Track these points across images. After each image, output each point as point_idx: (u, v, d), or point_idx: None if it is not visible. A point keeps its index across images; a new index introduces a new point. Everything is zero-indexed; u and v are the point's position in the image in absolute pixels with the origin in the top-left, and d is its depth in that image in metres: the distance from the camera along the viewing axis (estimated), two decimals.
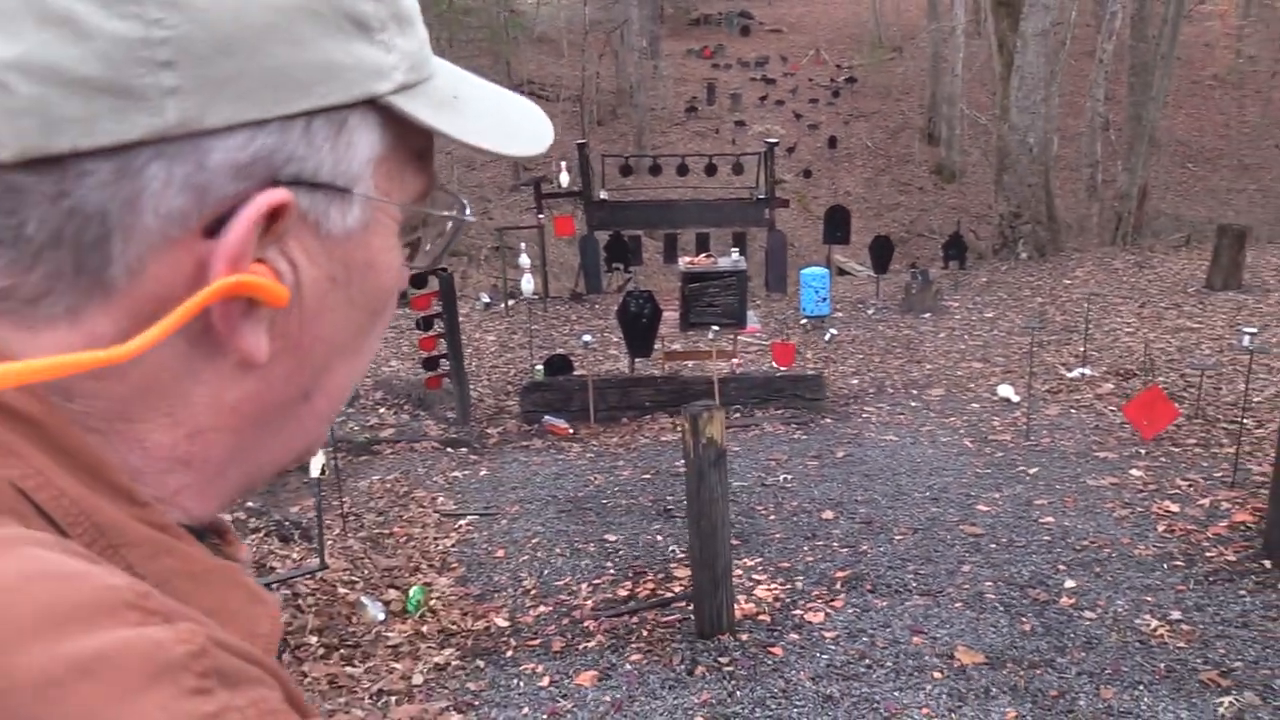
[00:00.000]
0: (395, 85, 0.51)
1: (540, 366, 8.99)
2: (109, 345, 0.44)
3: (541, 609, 4.97)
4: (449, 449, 7.77)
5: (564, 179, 14.53)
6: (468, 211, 0.60)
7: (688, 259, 9.96)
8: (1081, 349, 9.46)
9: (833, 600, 4.77)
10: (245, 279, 0.45)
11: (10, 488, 0.41)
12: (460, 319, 8.77)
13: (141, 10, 0.42)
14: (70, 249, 0.43)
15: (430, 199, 0.57)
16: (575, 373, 8.83)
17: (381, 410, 8.76)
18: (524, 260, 13.04)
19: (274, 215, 0.46)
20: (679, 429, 7.63)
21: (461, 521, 6.24)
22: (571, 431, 8.10)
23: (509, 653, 4.53)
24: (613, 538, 5.80)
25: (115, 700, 0.33)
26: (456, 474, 7.16)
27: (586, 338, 9.30)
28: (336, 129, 0.48)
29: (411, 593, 5.00)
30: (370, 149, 0.50)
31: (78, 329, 0.44)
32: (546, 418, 8.25)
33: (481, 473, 7.17)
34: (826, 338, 10.10)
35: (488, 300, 13.76)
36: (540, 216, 13.76)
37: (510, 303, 13.20)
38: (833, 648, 4.32)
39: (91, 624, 0.34)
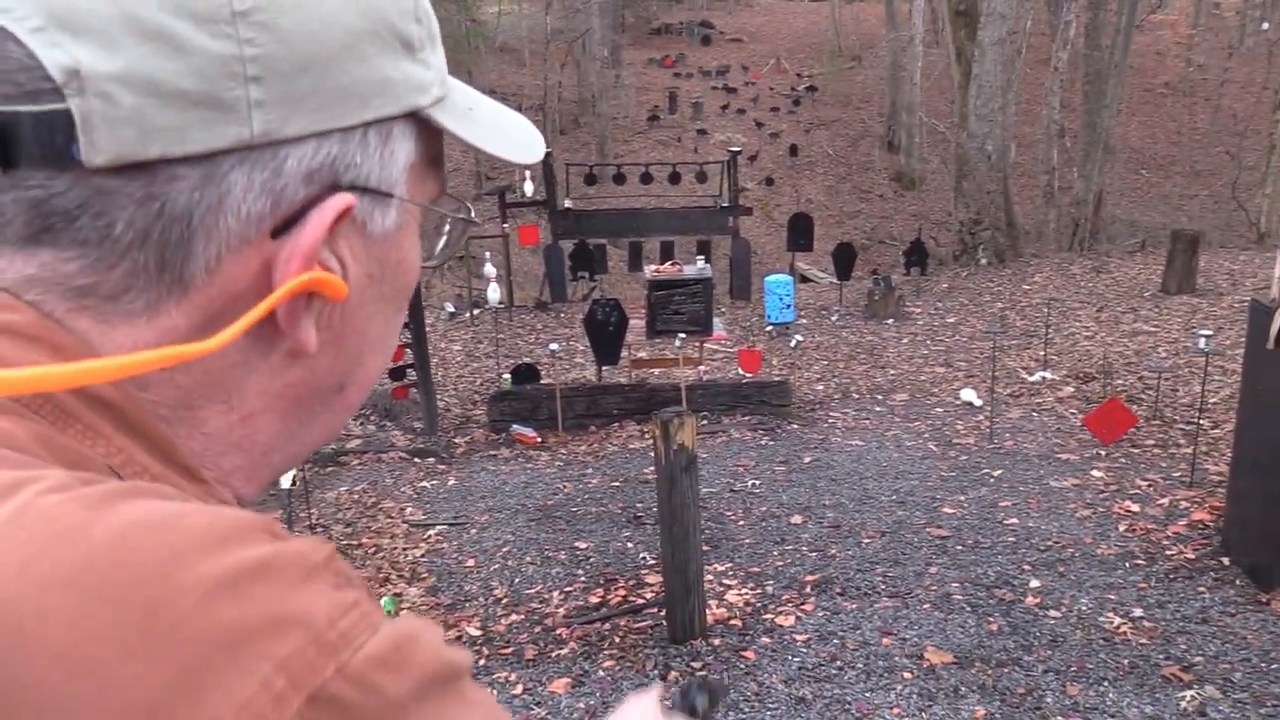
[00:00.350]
0: (432, 99, 0.55)
1: (507, 375, 8.99)
2: (183, 339, 0.47)
3: (513, 617, 4.97)
4: (417, 459, 7.74)
5: (528, 188, 14.53)
6: (472, 214, 0.65)
7: (653, 267, 10.00)
8: (1042, 353, 9.60)
9: (803, 604, 4.82)
10: (319, 275, 0.49)
11: (102, 464, 0.45)
12: (426, 329, 8.74)
13: (234, 30, 0.46)
14: (156, 248, 0.47)
15: (441, 201, 0.61)
16: (542, 381, 8.83)
17: (348, 421, 8.69)
18: (489, 270, 13.01)
19: (338, 217, 0.50)
20: (647, 436, 7.65)
21: (431, 531, 6.22)
22: (539, 440, 8.10)
23: (481, 661, 4.52)
24: (583, 545, 5.81)
25: (286, 592, 0.39)
26: (425, 484, 7.14)
27: (553, 346, 9.30)
28: (384, 139, 0.53)
29: (381, 603, 4.98)
30: (407, 157, 0.55)
31: (154, 324, 0.48)
32: (514, 427, 8.24)
33: (450, 482, 7.15)
34: (792, 344, 10.18)
35: (453, 310, 13.71)
36: (505, 226, 13.73)
37: (476, 312, 13.17)
38: (804, 650, 4.36)
39: (245, 541, 0.39)
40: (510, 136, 0.63)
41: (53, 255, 0.46)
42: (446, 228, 0.63)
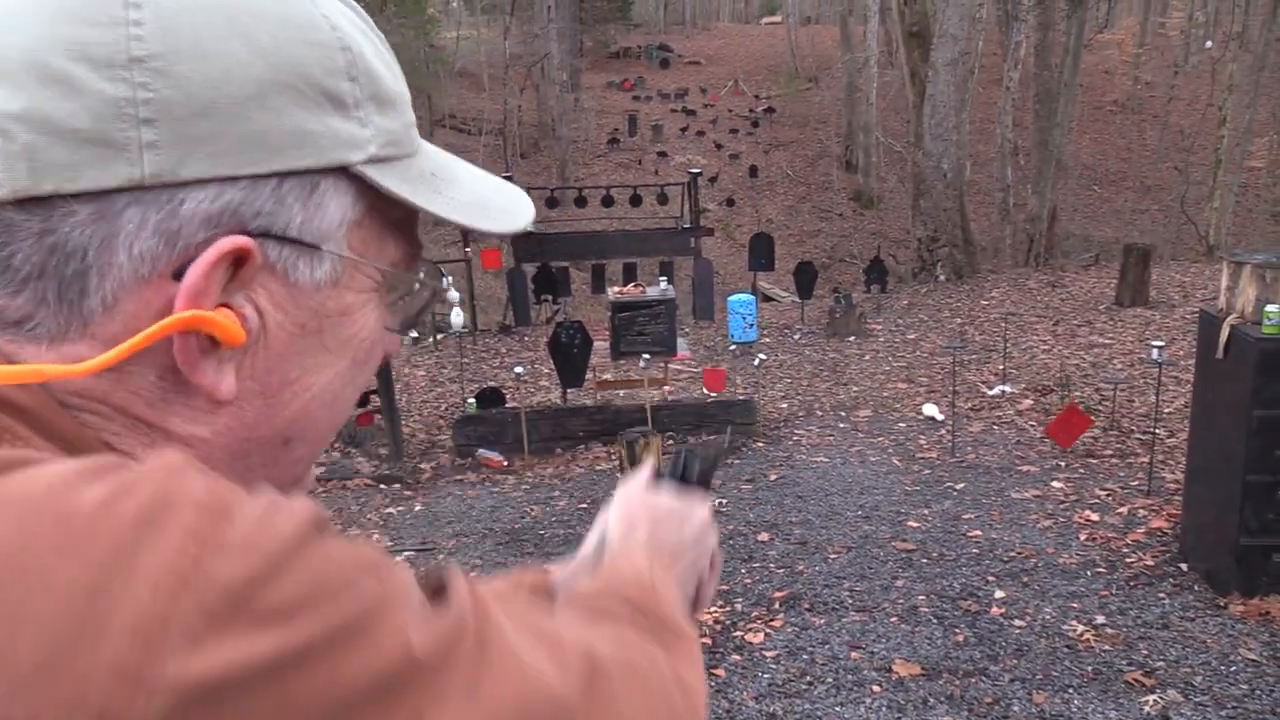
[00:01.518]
0: (367, 156, 0.56)
1: (472, 400, 8.97)
2: None
3: None
4: (382, 485, 7.69)
5: None
6: (446, 282, 0.65)
7: (616, 289, 10.03)
8: (1001, 367, 9.74)
9: (772, 620, 4.84)
10: (199, 314, 0.50)
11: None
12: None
13: (130, 75, 0.48)
14: (53, 280, 0.49)
15: (414, 267, 0.61)
16: (507, 405, 8.82)
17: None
18: (452, 294, 12.98)
19: (239, 262, 0.51)
20: (613, 457, 7.66)
21: (398, 558, 6.17)
22: (506, 464, 8.08)
23: None
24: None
25: (166, 482, 0.42)
26: (390, 510, 7.09)
27: (518, 369, 9.30)
28: (309, 191, 0.53)
29: None
30: (342, 212, 0.55)
31: (56, 350, 0.50)
32: (480, 451, 8.22)
33: (416, 508, 7.12)
34: (755, 363, 10.24)
35: (416, 335, 13.65)
36: (467, 250, 13.73)
37: (439, 337, 13.12)
38: (774, 667, 4.38)
39: (109, 467, 0.43)
40: (482, 201, 0.63)
41: None
42: (420, 291, 0.63)
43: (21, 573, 0.38)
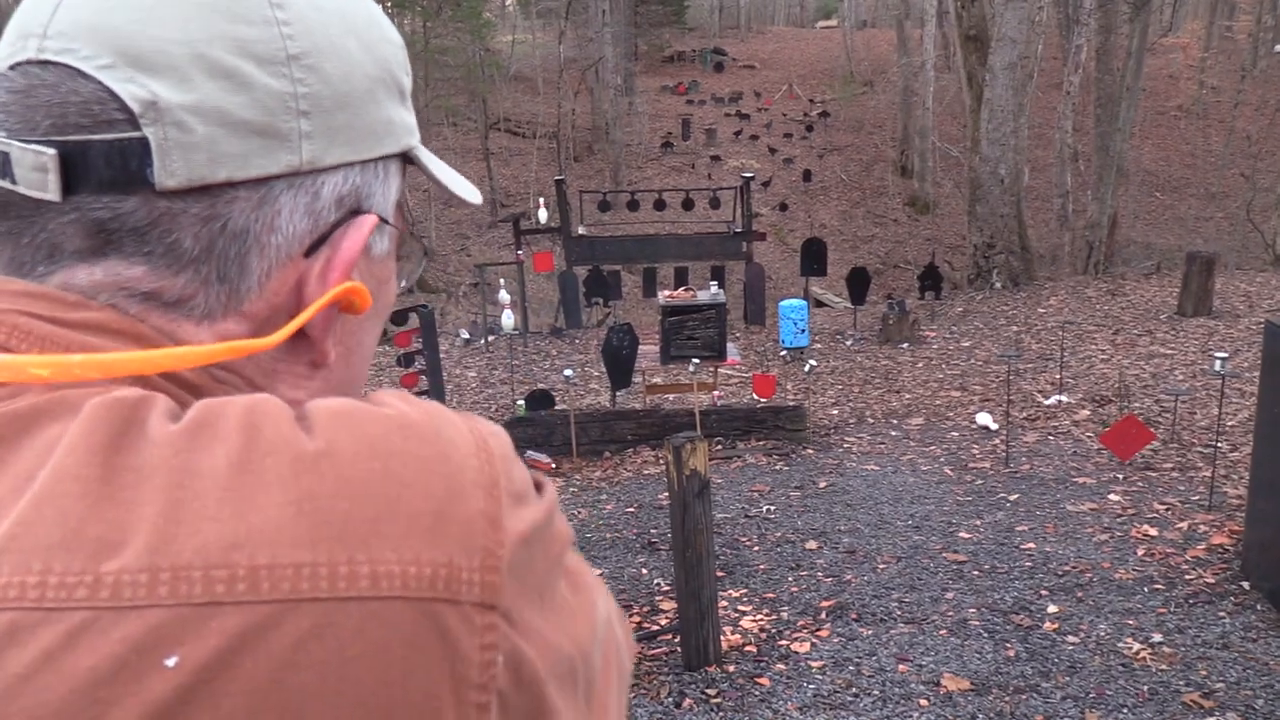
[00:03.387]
0: (418, 141, 0.63)
1: (521, 402, 9.00)
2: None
3: None
4: None
5: (542, 215, 14.62)
6: (427, 243, 0.73)
7: (667, 293, 10.02)
8: (1057, 376, 9.56)
9: (818, 630, 4.79)
10: (357, 284, 0.56)
11: None
12: (440, 355, 8.78)
13: (289, 71, 0.53)
14: (217, 262, 0.52)
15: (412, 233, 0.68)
16: (557, 407, 8.85)
17: None
18: (503, 296, 13.08)
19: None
20: (661, 462, 7.64)
21: None
22: (554, 466, 8.10)
23: None
24: (597, 571, 5.78)
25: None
26: None
27: (567, 372, 9.33)
28: (386, 173, 0.60)
29: None
30: (398, 190, 0.62)
31: (213, 329, 0.54)
32: (528, 453, 8.25)
33: None
34: (806, 369, 10.17)
35: (467, 336, 13.77)
36: (519, 253, 13.81)
37: (490, 338, 13.21)
38: (819, 677, 4.33)
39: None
40: (458, 179, 0.70)
41: (118, 263, 0.51)
42: (418, 255, 0.71)
43: (392, 458, 0.44)
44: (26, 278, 0.52)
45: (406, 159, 0.63)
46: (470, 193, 0.71)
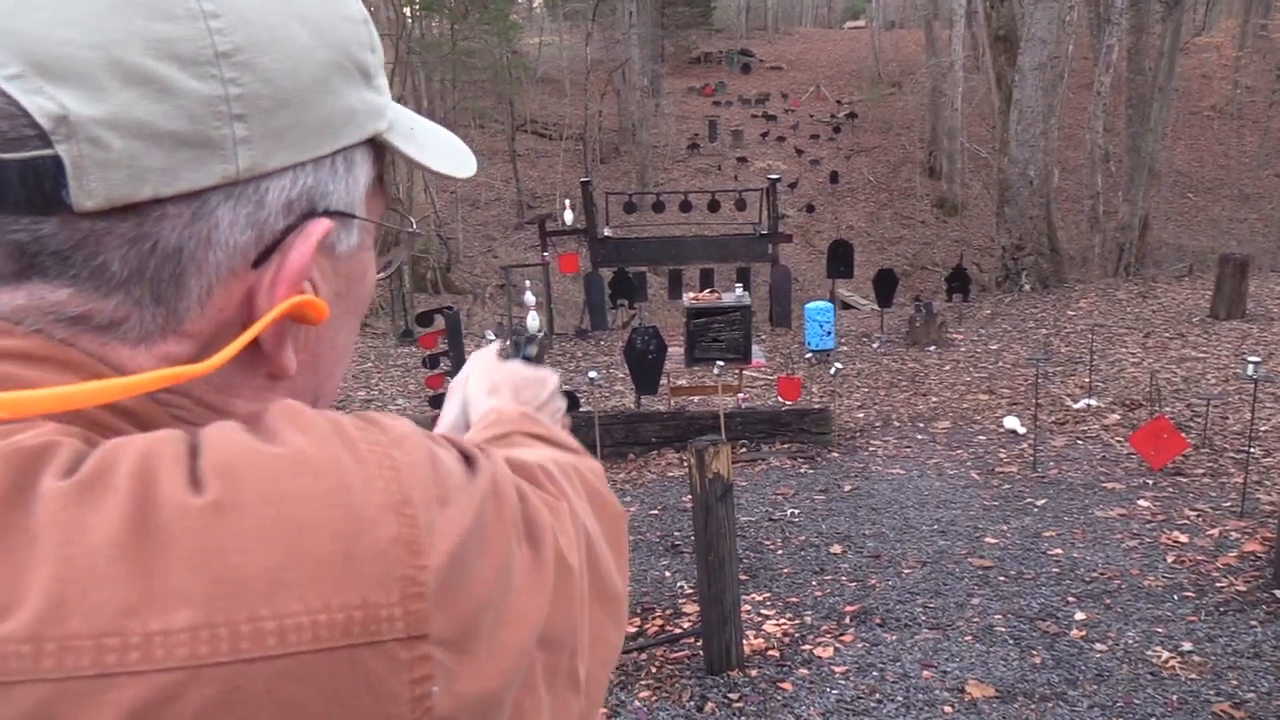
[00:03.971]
0: (388, 124, 0.58)
1: None
2: (177, 365, 0.50)
3: None
4: None
5: (568, 217, 14.63)
6: (414, 225, 0.69)
7: (692, 295, 10.01)
8: (1087, 380, 9.46)
9: (842, 635, 4.76)
10: (308, 298, 0.52)
11: None
12: (465, 357, 8.80)
13: (218, 71, 0.47)
14: (150, 284, 0.48)
15: (388, 215, 0.64)
16: (581, 409, 8.85)
17: None
18: (529, 298, 13.10)
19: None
20: (685, 464, 7.62)
21: None
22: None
23: None
24: None
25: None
26: None
27: (592, 374, 9.33)
28: (349, 165, 0.56)
29: None
30: (366, 179, 0.58)
31: (152, 351, 0.49)
32: None
33: None
34: (832, 371, 10.12)
35: (493, 338, 13.81)
36: (545, 254, 13.84)
37: None
38: (842, 683, 4.30)
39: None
40: (448, 153, 0.66)
41: (42, 286, 0.48)
42: (405, 238, 0.69)
43: (286, 501, 0.41)
44: None
45: (377, 143, 0.58)
46: (460, 165, 0.66)
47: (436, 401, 8.25)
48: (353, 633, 0.40)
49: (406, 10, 25.61)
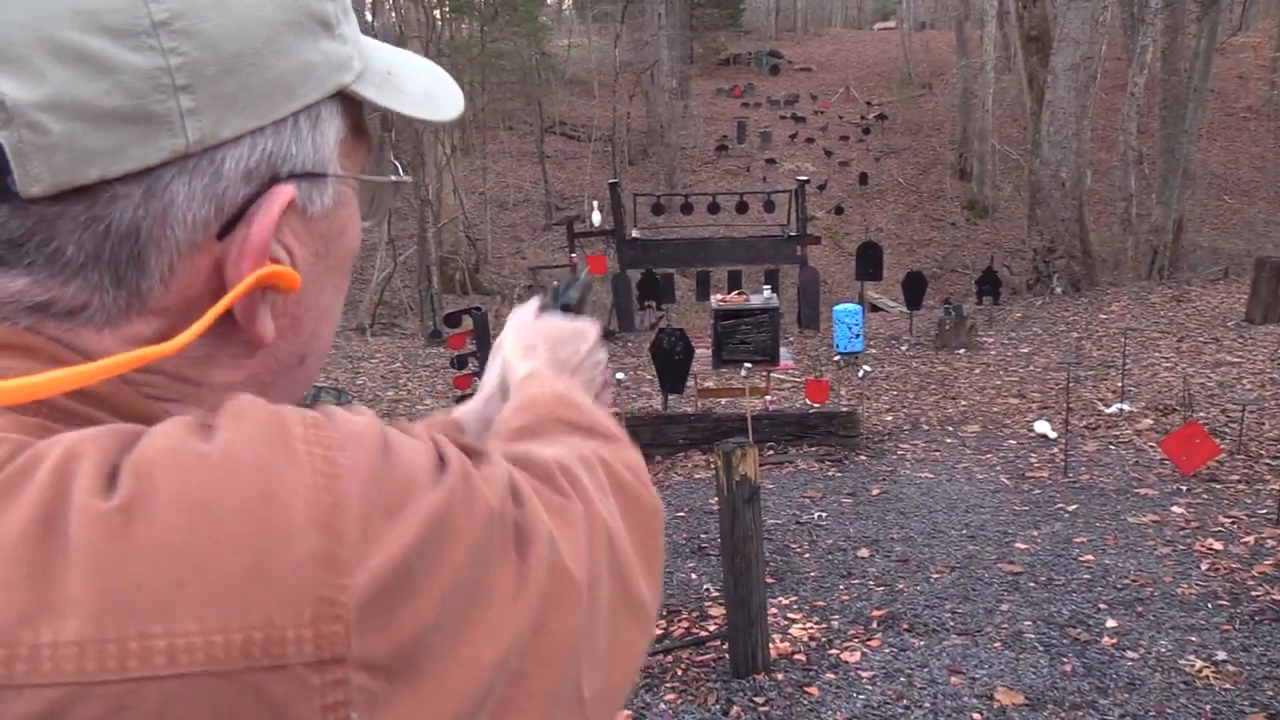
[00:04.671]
0: (355, 74, 0.56)
1: None
2: (145, 345, 0.48)
3: None
4: None
5: (596, 218, 14.65)
6: (400, 171, 0.64)
7: (720, 296, 9.98)
8: (1119, 384, 9.36)
9: (869, 639, 4.73)
10: (275, 269, 0.50)
11: None
12: None
13: (157, 41, 0.45)
14: (109, 266, 0.47)
15: (368, 164, 0.61)
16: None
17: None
18: None
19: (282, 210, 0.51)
20: (712, 466, 7.61)
21: None
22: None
23: None
24: None
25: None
26: None
27: (620, 375, 9.33)
28: (313, 122, 0.53)
29: None
30: (336, 134, 0.55)
31: (118, 333, 0.48)
32: None
33: None
34: (860, 374, 10.06)
35: None
36: (573, 255, 13.87)
37: None
38: (869, 688, 4.27)
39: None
40: (427, 95, 0.62)
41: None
42: (390, 185, 0.64)
43: (199, 510, 0.39)
44: None
45: (346, 94, 0.55)
46: (439, 107, 0.63)
47: (464, 402, 8.30)
48: (252, 655, 0.37)
49: (436, 12, 25.77)
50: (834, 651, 4.62)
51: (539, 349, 0.89)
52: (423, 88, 0.63)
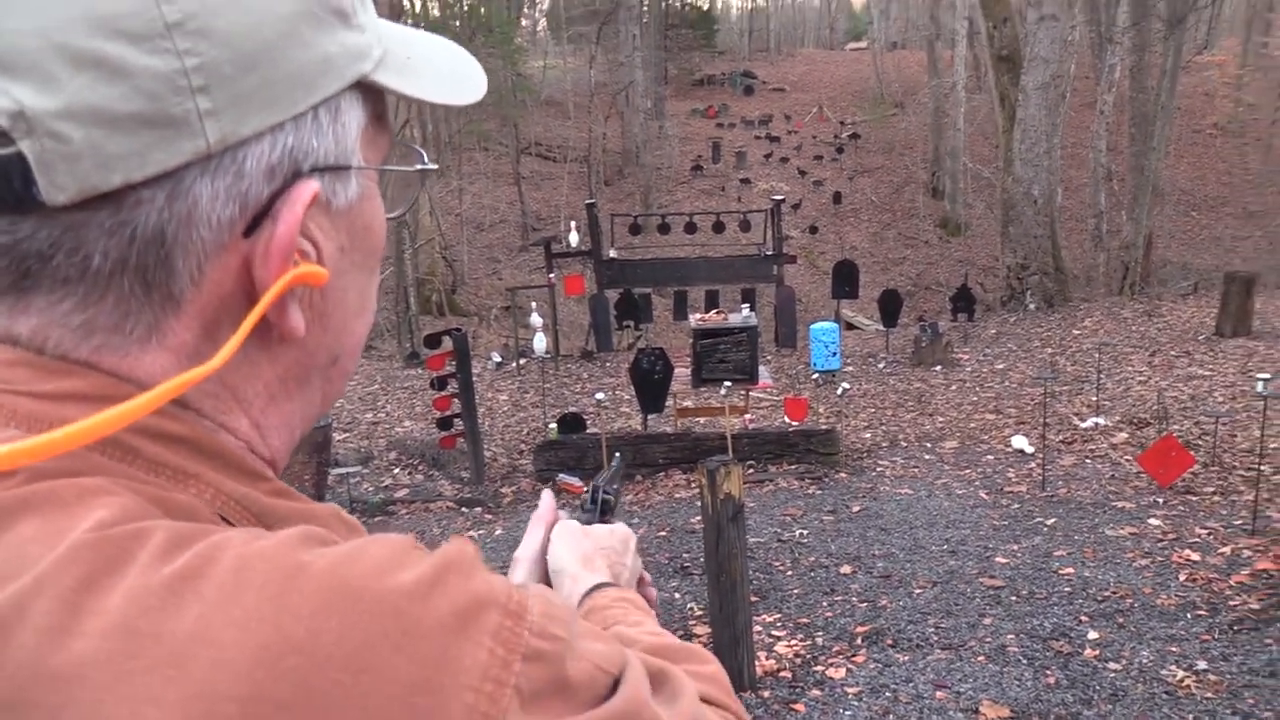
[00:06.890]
0: (374, 63, 0.55)
1: (553, 425, 9.02)
2: (194, 352, 0.50)
3: None
4: (464, 509, 7.77)
5: (573, 238, 14.68)
6: (426, 159, 0.65)
7: (699, 316, 10.02)
8: (1094, 399, 9.45)
9: (854, 655, 4.74)
10: (305, 269, 0.51)
11: (208, 512, 0.49)
12: (473, 378, 8.81)
13: (171, 43, 0.45)
14: (137, 272, 0.47)
15: (392, 155, 0.61)
16: (588, 431, 8.85)
17: (396, 470, 8.78)
18: (535, 319, 13.12)
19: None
20: (693, 485, 7.61)
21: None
22: (585, 489, 8.08)
23: None
24: None
25: (468, 581, 0.46)
26: (471, 534, 7.15)
27: (599, 395, 9.33)
28: (334, 115, 0.53)
29: None
30: (357, 125, 0.55)
31: (165, 345, 0.49)
32: (560, 476, 8.25)
33: (497, 532, 7.16)
34: (839, 392, 10.11)
35: (499, 360, 13.82)
36: (550, 276, 13.87)
37: (522, 361, 13.25)
38: (855, 704, 4.28)
39: (413, 554, 0.46)
40: (447, 78, 0.62)
41: (45, 300, 0.47)
42: (415, 178, 0.65)
43: (363, 664, 0.41)
44: None
45: (366, 84, 0.55)
46: (461, 90, 0.62)
47: (445, 424, 8.26)
48: None
49: None
50: (819, 668, 4.63)
51: (596, 561, 0.98)
52: (445, 70, 0.62)
